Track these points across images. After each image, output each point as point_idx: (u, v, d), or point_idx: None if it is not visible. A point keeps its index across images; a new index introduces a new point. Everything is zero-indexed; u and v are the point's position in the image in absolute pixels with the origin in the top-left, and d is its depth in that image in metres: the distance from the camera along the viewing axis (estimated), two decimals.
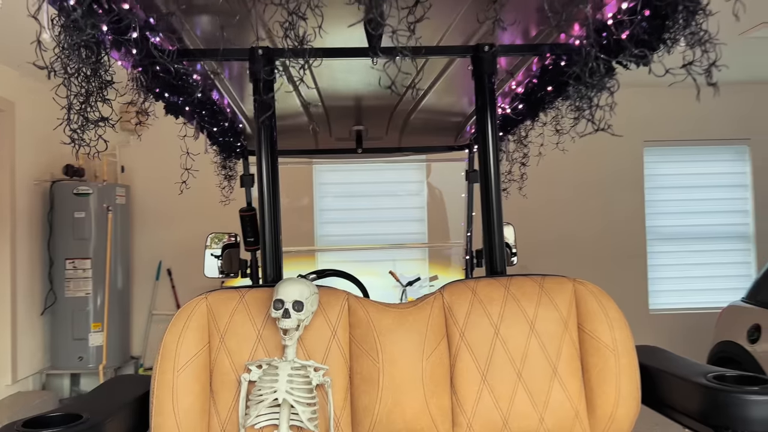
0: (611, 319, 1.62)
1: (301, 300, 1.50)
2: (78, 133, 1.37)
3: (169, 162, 6.23)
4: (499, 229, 1.88)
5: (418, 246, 6.64)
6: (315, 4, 1.29)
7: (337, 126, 3.16)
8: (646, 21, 1.48)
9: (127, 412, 1.48)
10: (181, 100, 2.08)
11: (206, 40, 1.88)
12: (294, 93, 2.51)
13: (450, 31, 1.89)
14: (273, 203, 1.82)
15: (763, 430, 1.32)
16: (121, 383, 1.65)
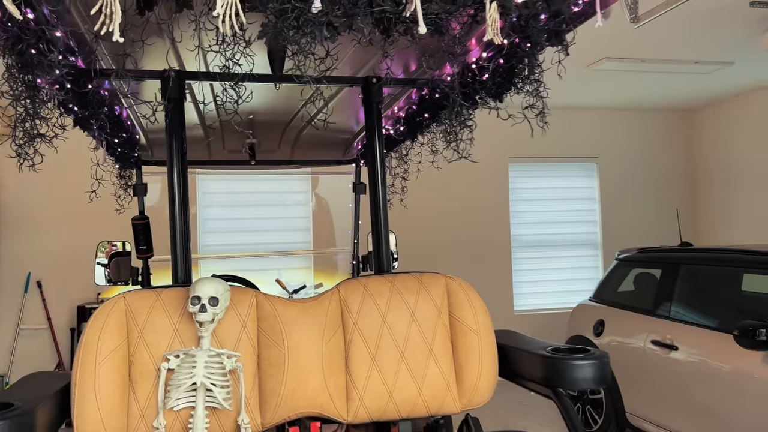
0: (475, 307, 1.98)
1: (216, 296, 1.72)
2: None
3: (42, 170, 6.02)
4: (385, 235, 2.19)
5: (304, 253, 6.86)
6: (223, 40, 1.49)
7: (231, 138, 3.34)
8: (501, 68, 1.85)
9: (53, 401, 1.62)
10: (88, 113, 2.20)
11: (116, 60, 2.03)
12: (192, 107, 2.68)
13: (344, 64, 2.18)
14: (183, 211, 2.01)
15: (584, 386, 1.73)
16: (40, 378, 1.77)
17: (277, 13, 1.15)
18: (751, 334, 3.61)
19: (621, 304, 5.18)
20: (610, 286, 5.45)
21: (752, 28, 4.94)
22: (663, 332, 4.48)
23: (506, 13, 1.33)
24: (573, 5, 1.40)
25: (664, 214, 7.84)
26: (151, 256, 3.37)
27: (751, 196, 7.08)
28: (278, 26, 1.17)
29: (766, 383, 3.56)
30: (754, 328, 3.62)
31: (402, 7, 1.23)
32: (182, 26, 1.80)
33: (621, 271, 5.45)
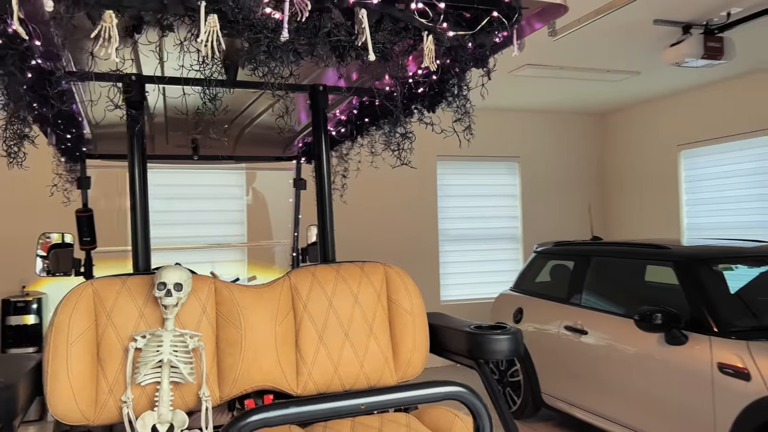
0: (410, 291, 2.25)
1: (180, 282, 1.91)
2: None
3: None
4: (330, 227, 2.43)
5: (238, 246, 6.97)
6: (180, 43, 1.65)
7: (175, 134, 3.47)
8: (434, 84, 2.12)
9: (27, 379, 1.77)
10: (45, 109, 2.32)
11: (78, 60, 2.16)
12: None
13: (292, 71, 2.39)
14: (143, 204, 2.17)
15: (502, 357, 2.03)
16: (10, 359, 1.90)
17: (252, 41, 1.36)
18: (649, 318, 4.05)
19: (538, 293, 5.61)
20: (528, 277, 5.89)
21: (655, 43, 5.47)
22: (575, 318, 4.92)
23: (440, 44, 1.58)
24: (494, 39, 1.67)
25: (579, 211, 8.42)
26: (95, 248, 3.45)
27: (655, 195, 7.74)
28: (251, 52, 1.38)
29: (663, 361, 4.03)
30: (651, 312, 4.06)
31: (354, 37, 1.46)
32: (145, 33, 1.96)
33: (538, 263, 5.89)
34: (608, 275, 4.97)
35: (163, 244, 6.73)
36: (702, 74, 6.51)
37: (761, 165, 6.52)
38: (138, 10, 1.31)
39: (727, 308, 3.98)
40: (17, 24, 1.23)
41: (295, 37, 1.39)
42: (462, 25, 1.60)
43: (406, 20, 1.50)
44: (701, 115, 7.12)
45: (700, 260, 4.22)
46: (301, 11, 1.37)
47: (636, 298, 4.76)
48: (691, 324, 4.01)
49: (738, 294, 4.28)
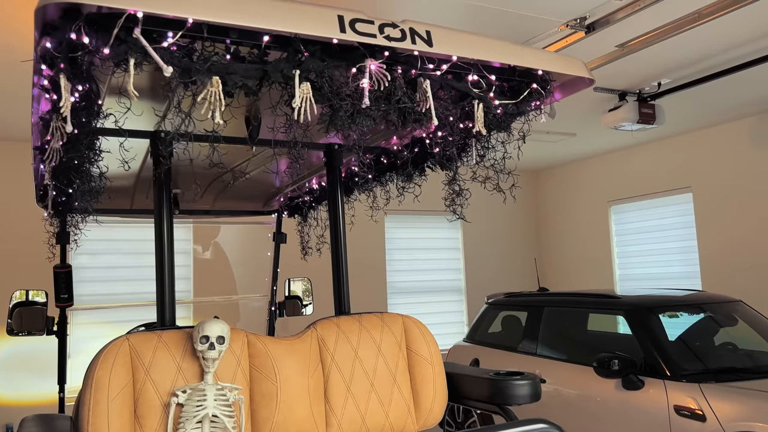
0: (428, 341, 2.34)
1: (222, 335, 1.92)
2: None
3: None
4: (345, 280, 2.50)
5: (184, 302, 6.78)
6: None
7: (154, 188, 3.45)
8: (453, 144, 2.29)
9: None
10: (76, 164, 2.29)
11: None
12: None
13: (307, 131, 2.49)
14: (169, 259, 2.17)
15: (524, 402, 2.14)
16: (43, 422, 1.83)
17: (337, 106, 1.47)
18: (607, 365, 4.28)
19: (492, 343, 5.79)
20: (481, 328, 6.06)
21: (594, 107, 5.96)
22: (532, 367, 5.11)
23: (488, 111, 1.77)
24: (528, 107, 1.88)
25: (518, 263, 8.78)
26: (71, 305, 3.33)
27: (589, 248, 8.23)
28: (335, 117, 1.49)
29: (621, 406, 4.26)
30: (609, 359, 4.30)
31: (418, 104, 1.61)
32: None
33: (490, 314, 6.09)
34: (561, 325, 5.22)
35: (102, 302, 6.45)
36: (632, 136, 7.11)
37: (683, 220, 7.11)
38: (241, 77, 1.39)
39: (678, 353, 4.28)
40: (131, 87, 1.29)
41: (374, 104, 1.52)
42: (506, 95, 1.80)
43: (461, 90, 1.67)
44: (629, 173, 7.71)
45: (648, 308, 4.54)
46: (380, 81, 1.50)
47: (589, 346, 5.02)
48: (645, 369, 4.27)
49: (683, 339, 4.62)
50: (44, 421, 1.81)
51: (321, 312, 7.46)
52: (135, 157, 2.77)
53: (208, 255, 6.86)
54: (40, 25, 1.30)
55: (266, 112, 2.28)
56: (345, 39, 1.42)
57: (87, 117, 1.56)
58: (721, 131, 6.75)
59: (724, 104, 6.02)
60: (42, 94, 1.68)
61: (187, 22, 1.33)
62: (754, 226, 6.34)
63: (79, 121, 1.56)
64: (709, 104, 6.02)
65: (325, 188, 3.27)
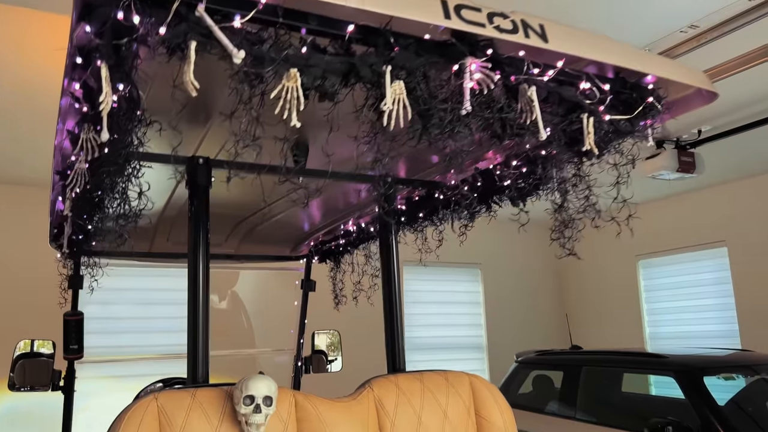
0: (500, 405, 2.01)
1: (270, 395, 1.60)
2: None
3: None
4: (400, 332, 2.18)
5: None
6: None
7: (176, 230, 3.18)
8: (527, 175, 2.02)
9: None
10: None
11: None
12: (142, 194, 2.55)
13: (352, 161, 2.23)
14: (204, 306, 1.87)
15: None
16: None
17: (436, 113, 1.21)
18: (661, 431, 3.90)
19: (524, 405, 5.38)
20: (511, 388, 5.66)
21: None
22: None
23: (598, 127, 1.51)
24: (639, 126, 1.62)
25: (541, 318, 8.40)
26: (81, 357, 3.01)
27: (615, 304, 7.86)
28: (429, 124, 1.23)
29: None
30: (663, 425, 3.92)
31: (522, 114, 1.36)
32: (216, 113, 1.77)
33: (521, 373, 5.70)
34: (602, 386, 4.84)
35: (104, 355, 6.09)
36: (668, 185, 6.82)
37: (718, 275, 6.77)
38: (322, 71, 1.14)
39: (736, 419, 3.90)
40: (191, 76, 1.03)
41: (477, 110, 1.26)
42: (618, 110, 1.54)
43: (570, 99, 1.42)
44: (658, 226, 7.42)
45: (701, 369, 4.18)
46: (481, 85, 1.25)
47: (632, 410, 4.62)
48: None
49: (736, 403, 4.24)
50: None
51: (355, 369, 7.08)
52: (151, 190, 2.50)
53: (224, 305, 6.51)
54: (79, 4, 1.05)
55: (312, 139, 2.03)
56: (452, 26, 1.17)
57: (125, 126, 1.30)
58: (756, 183, 6.50)
59: (764, 154, 5.80)
60: (71, 105, 1.43)
61: (259, 3, 1.08)
62: None
63: (115, 131, 1.30)
64: (748, 154, 5.79)
65: (363, 230, 2.99)
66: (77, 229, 2.48)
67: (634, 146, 1.71)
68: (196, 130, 1.88)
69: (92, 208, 2.14)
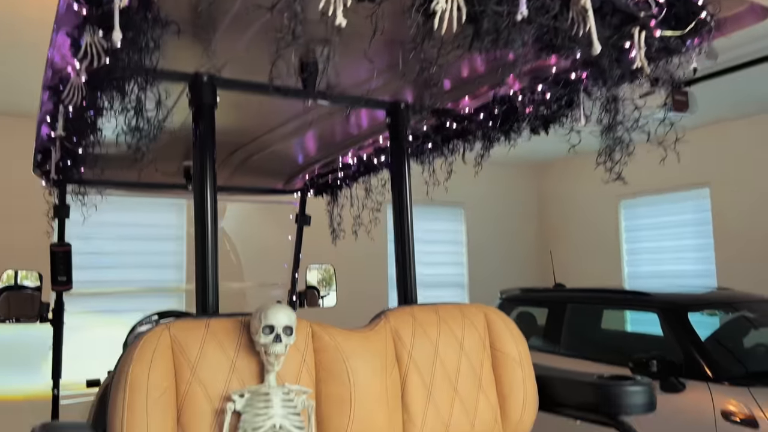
0: (515, 337, 1.98)
1: (290, 325, 1.53)
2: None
3: None
4: (412, 266, 2.12)
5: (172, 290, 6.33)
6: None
7: (166, 159, 3.03)
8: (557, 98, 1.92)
9: None
10: None
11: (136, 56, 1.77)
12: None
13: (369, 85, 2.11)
14: (213, 235, 1.78)
15: (637, 413, 1.80)
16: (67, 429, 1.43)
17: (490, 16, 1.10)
18: (645, 366, 3.97)
19: None
20: None
21: None
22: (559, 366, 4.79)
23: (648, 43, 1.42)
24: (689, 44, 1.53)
25: (521, 257, 8.47)
26: (70, 289, 2.90)
27: (596, 244, 7.95)
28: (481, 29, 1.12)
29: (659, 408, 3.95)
30: (647, 360, 4.00)
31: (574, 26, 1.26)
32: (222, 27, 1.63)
33: (504, 310, 5.76)
34: (587, 322, 4.91)
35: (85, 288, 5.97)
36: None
37: (698, 216, 6.86)
38: None
39: (719, 354, 4.00)
40: None
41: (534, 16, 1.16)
42: (670, 25, 1.45)
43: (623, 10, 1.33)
44: (641, 167, 7.43)
45: (685, 306, 4.25)
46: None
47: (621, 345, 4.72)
48: (685, 371, 3.97)
49: (717, 340, 4.34)
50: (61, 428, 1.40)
51: (352, 305, 7.08)
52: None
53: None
54: None
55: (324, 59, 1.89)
56: None
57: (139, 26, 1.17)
58: (744, 125, 6.50)
59: (754, 95, 5.77)
60: (70, 8, 1.28)
61: None
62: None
63: (126, 32, 1.17)
64: (737, 95, 5.76)
65: (364, 162, 2.89)
66: (65, 154, 2.33)
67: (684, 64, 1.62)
68: (198, 45, 1.74)
69: (86, 129, 2.00)
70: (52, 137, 2.17)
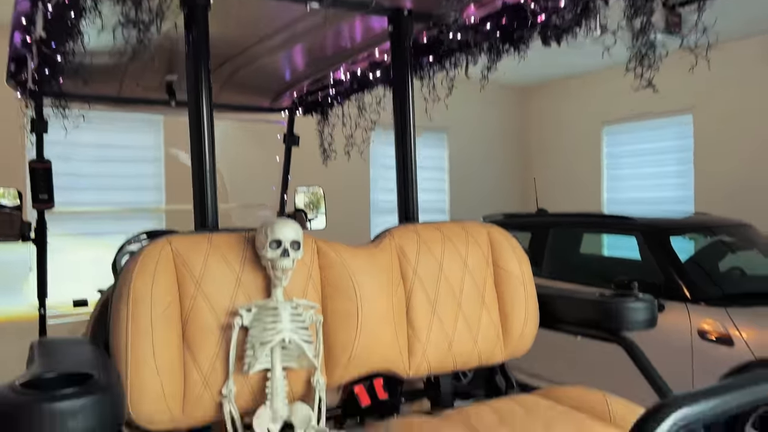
0: (518, 255, 1.97)
1: (298, 240, 1.49)
2: None
3: None
4: (414, 185, 2.07)
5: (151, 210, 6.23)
6: None
7: (147, 73, 2.88)
8: None
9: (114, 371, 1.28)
10: None
11: None
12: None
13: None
14: (210, 149, 1.70)
15: (639, 328, 1.81)
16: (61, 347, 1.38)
17: None
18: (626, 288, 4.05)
19: None
20: None
21: None
22: None
23: None
24: None
25: (503, 183, 8.49)
26: (51, 207, 2.80)
27: (577, 169, 7.98)
28: None
29: None
30: (628, 281, 4.08)
31: None
32: None
33: None
34: (569, 247, 4.97)
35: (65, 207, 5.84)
36: None
37: (680, 143, 6.88)
38: None
39: (698, 276, 4.10)
40: None
41: None
42: None
43: None
44: (626, 92, 7.37)
45: (666, 230, 4.32)
46: None
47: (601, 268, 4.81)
48: (665, 292, 4.07)
49: (696, 262, 4.43)
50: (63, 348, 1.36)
51: (340, 230, 7.02)
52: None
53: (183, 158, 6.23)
54: None
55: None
56: None
57: None
58: (731, 49, 6.43)
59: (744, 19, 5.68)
60: None
61: None
62: (755, 150, 6.16)
63: None
64: (726, 18, 5.66)
65: (357, 78, 2.78)
66: (42, 62, 2.19)
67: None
68: None
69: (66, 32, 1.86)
70: (27, 43, 2.03)
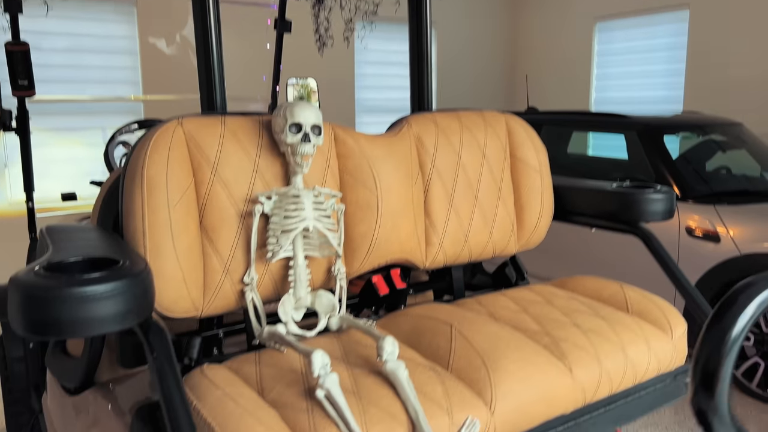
0: (536, 146, 1.91)
1: (318, 124, 1.40)
2: None
3: None
4: (429, 66, 1.96)
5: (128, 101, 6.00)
6: None
7: None
8: None
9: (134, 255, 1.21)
10: None
11: None
12: None
13: None
14: (216, 31, 1.56)
15: (658, 219, 1.80)
16: (84, 231, 1.31)
17: None
18: None
19: None
20: None
21: None
22: None
23: None
24: None
25: (492, 80, 8.31)
26: (33, 94, 2.63)
27: (567, 68, 7.82)
28: None
29: None
30: (621, 179, 4.11)
31: None
32: None
33: None
34: (561, 145, 4.94)
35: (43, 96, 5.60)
36: None
37: (674, 41, 6.73)
38: None
39: (689, 174, 4.12)
40: None
41: None
42: None
43: None
44: None
45: (660, 128, 4.30)
46: None
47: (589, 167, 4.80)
48: None
49: (687, 160, 4.45)
50: (80, 234, 1.28)
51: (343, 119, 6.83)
52: None
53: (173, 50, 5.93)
54: None
55: None
56: None
57: None
58: None
59: None
60: None
61: None
62: (750, 50, 6.05)
63: None
64: None
65: None
66: None
67: None
68: None
69: None
70: None
